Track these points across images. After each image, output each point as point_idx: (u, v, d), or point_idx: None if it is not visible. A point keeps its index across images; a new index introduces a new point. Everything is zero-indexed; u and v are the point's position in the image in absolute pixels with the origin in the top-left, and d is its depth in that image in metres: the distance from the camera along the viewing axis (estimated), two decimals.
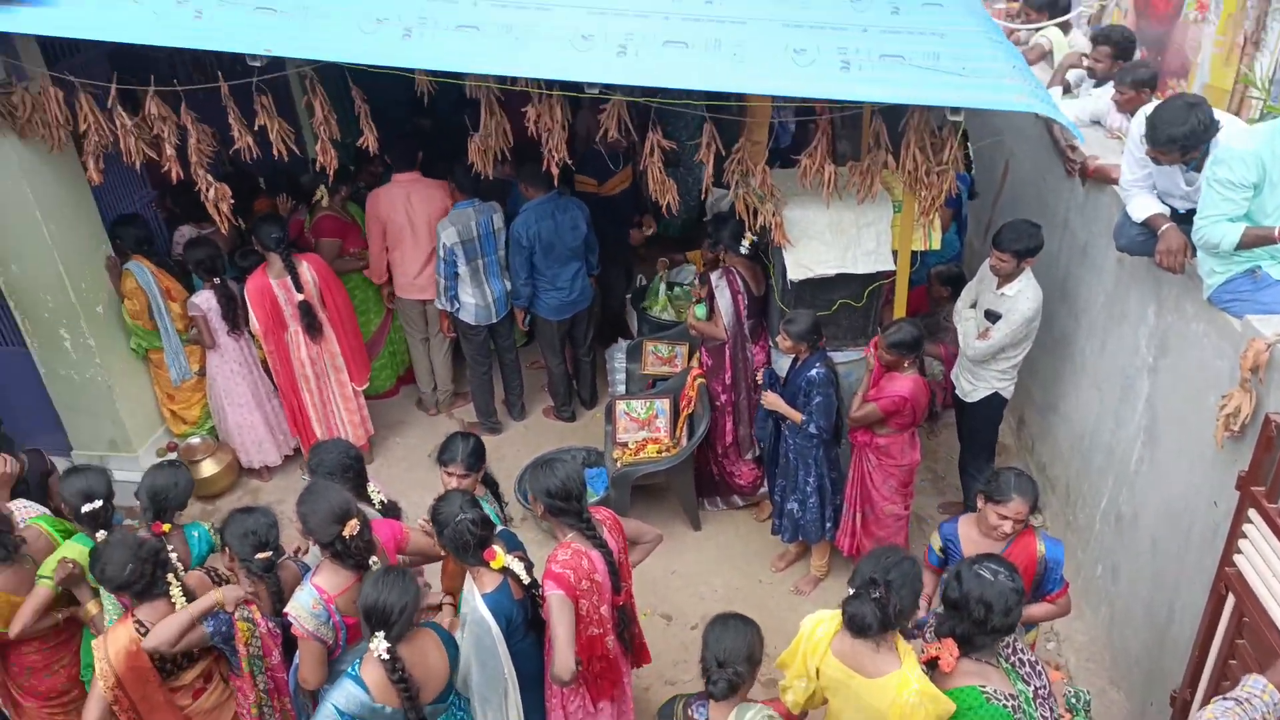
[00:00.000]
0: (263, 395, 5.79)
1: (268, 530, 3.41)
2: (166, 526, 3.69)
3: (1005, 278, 4.44)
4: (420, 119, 6.88)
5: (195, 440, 5.82)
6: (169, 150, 4.49)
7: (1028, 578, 3.39)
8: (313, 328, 5.41)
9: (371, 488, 3.83)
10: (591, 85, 3.93)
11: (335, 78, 4.62)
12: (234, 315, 5.48)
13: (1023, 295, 4.40)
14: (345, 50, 3.95)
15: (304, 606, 3.17)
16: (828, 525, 4.71)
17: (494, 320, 5.84)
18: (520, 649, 3.32)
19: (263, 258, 5.36)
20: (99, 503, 3.62)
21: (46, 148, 4.70)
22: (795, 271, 4.41)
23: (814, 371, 4.32)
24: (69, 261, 5.07)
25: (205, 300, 5.42)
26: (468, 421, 6.32)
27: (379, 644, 2.87)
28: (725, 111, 4.28)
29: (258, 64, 4.01)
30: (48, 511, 3.93)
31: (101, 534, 3.60)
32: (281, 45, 3.95)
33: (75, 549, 3.63)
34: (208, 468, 5.73)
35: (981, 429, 4.90)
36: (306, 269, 5.35)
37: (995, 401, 4.72)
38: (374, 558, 3.28)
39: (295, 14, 4.17)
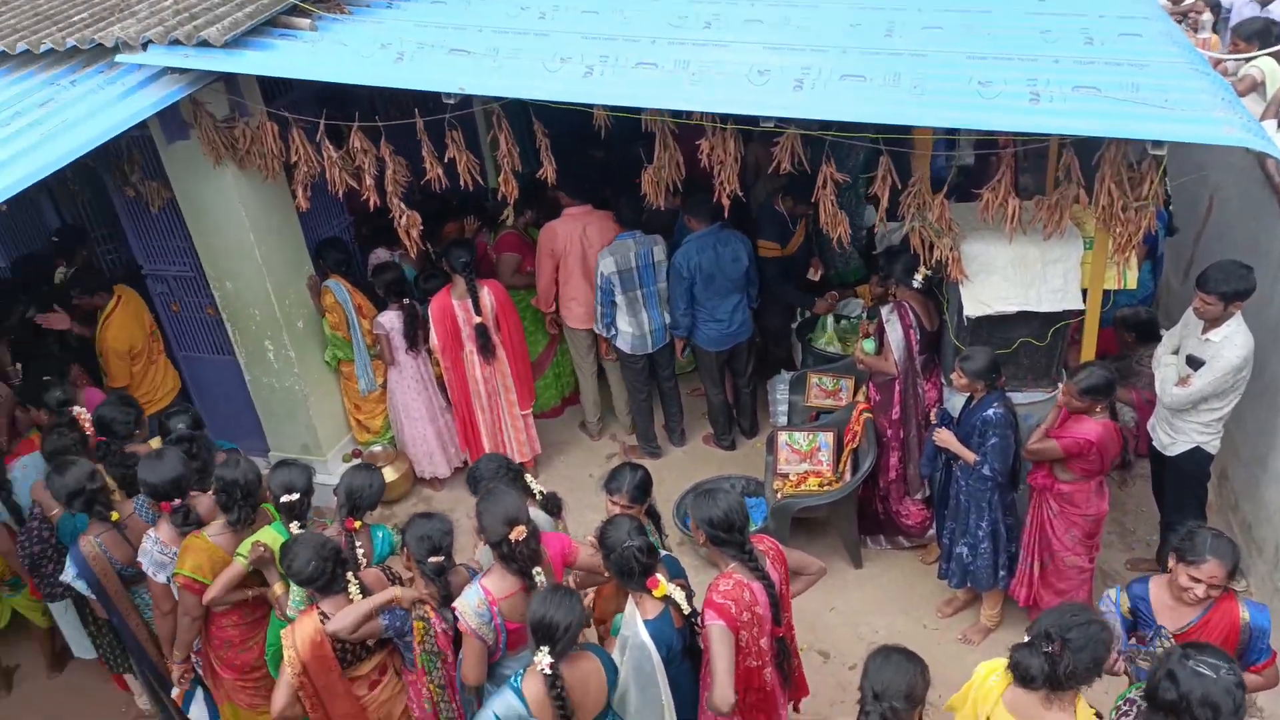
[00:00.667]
0: (436, 411, 6.09)
1: (442, 537, 3.58)
2: (358, 524, 3.94)
3: (1211, 322, 4.12)
4: (594, 151, 7.09)
5: (377, 448, 6.20)
6: (368, 180, 4.83)
7: (1229, 647, 3.12)
8: (487, 349, 5.65)
9: (530, 479, 4.00)
10: (767, 119, 3.95)
11: (518, 112, 4.84)
12: (414, 335, 5.81)
13: (1230, 342, 4.07)
14: (531, 88, 4.14)
15: (470, 605, 3.33)
16: (1001, 573, 4.49)
17: (650, 350, 5.92)
18: (676, 676, 3.33)
19: (446, 281, 5.66)
20: (297, 495, 3.89)
21: (261, 177, 5.15)
22: (972, 308, 4.25)
23: (991, 411, 4.15)
24: (276, 279, 5.52)
25: (389, 320, 5.76)
26: (628, 444, 6.43)
27: (543, 658, 2.96)
28: (897, 144, 4.20)
29: (451, 101, 4.26)
30: None
31: (295, 525, 3.89)
32: (474, 84, 4.18)
33: (270, 534, 3.91)
34: (387, 475, 6.04)
35: (1183, 485, 4.56)
36: (486, 293, 5.60)
37: (1199, 456, 4.38)
38: (539, 569, 3.38)
39: (486, 55, 4.42)
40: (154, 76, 4.54)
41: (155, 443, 4.64)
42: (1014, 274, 4.19)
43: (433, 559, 3.54)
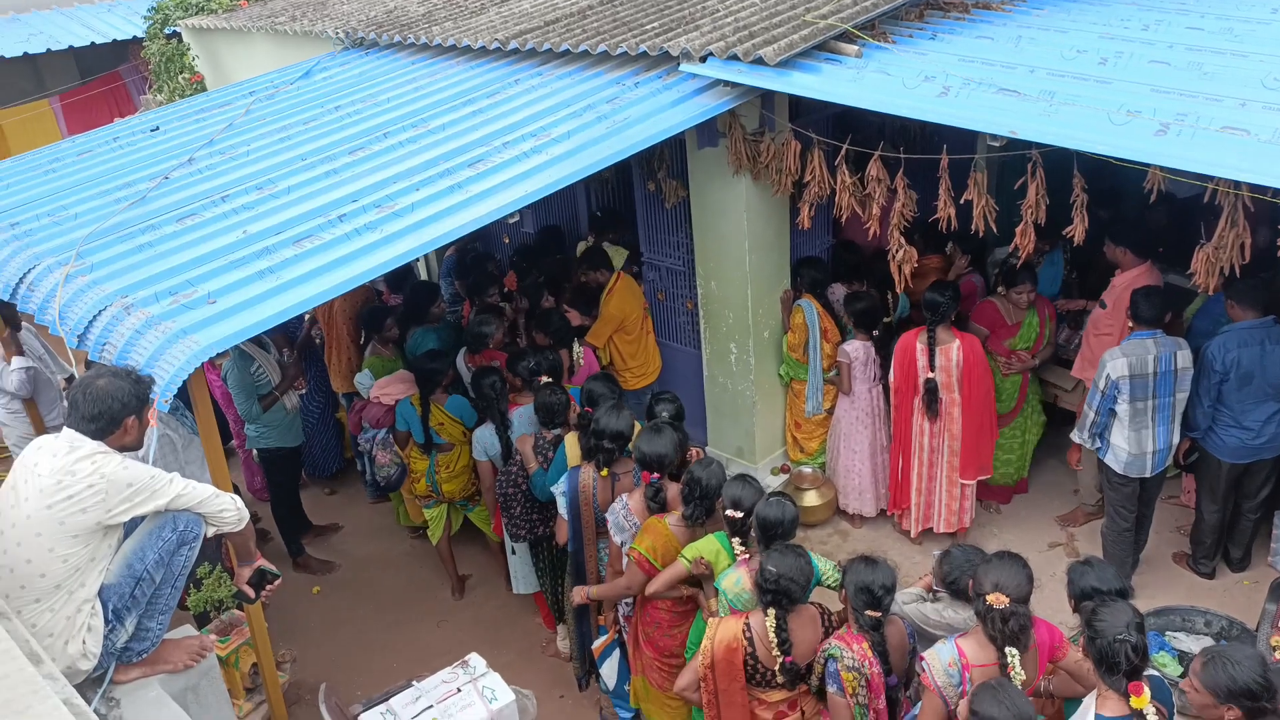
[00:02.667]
0: (878, 448, 5.93)
1: (883, 592, 3.43)
2: None
3: None
4: (1100, 209, 6.41)
5: (806, 469, 6.21)
6: (874, 210, 4.79)
7: None
8: (930, 408, 5.36)
9: None
10: None
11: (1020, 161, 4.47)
12: (875, 368, 5.69)
13: None
14: (1094, 140, 3.77)
15: (940, 661, 3.17)
16: None
17: (1146, 475, 4.95)
18: None
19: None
20: (741, 514, 3.97)
21: (771, 190, 5.36)
22: None
23: None
24: (756, 288, 5.74)
25: (855, 350, 5.70)
26: (1073, 533, 5.76)
27: None
28: None
29: (997, 144, 4.05)
30: None
31: (737, 542, 3.96)
32: (1026, 128, 3.92)
33: (712, 545, 4.03)
34: (810, 498, 6.07)
35: None
36: (956, 349, 5.26)
37: None
38: (1015, 651, 3.11)
39: (1040, 99, 4.14)
40: (707, 87, 4.89)
41: None
42: None
43: (870, 613, 3.41)
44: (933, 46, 4.96)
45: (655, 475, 4.18)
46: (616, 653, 4.71)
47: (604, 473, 4.41)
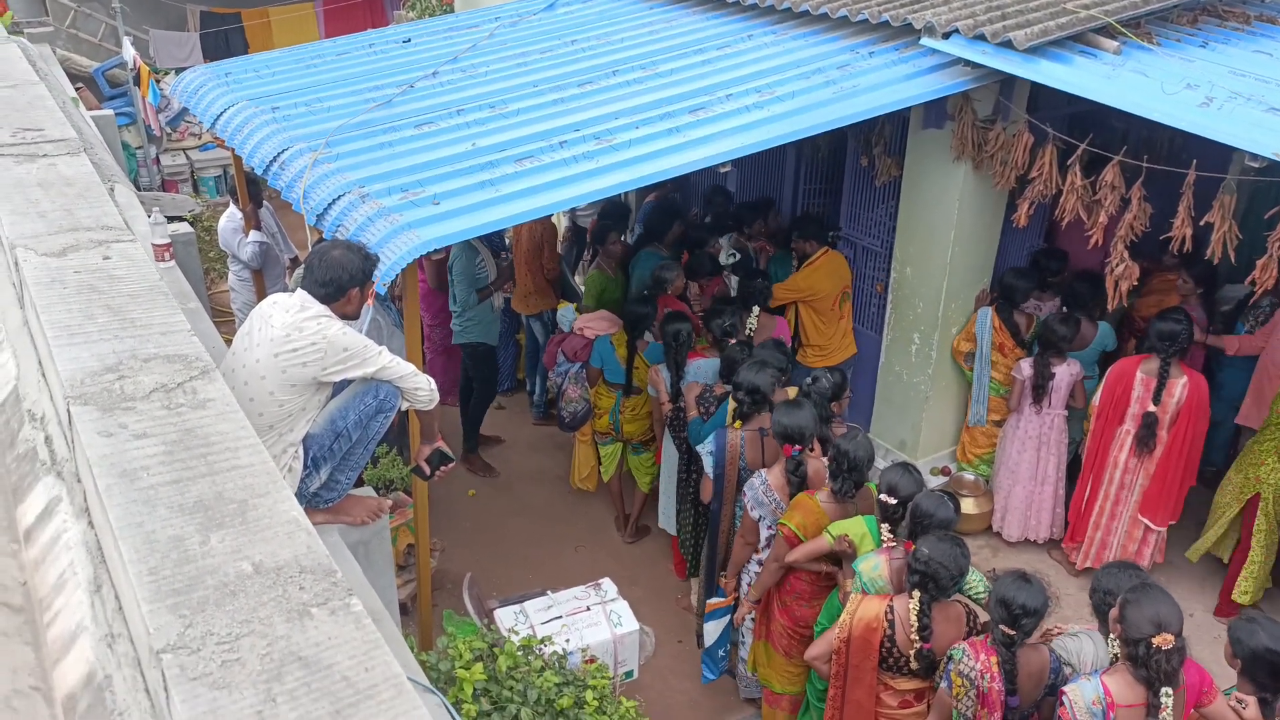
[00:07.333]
0: (1040, 477, 5.61)
1: (1024, 615, 3.29)
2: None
3: None
4: None
5: (969, 476, 6.01)
6: (1102, 218, 4.53)
7: None
8: (1144, 443, 5.00)
9: None
10: None
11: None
12: (1042, 390, 5.39)
13: None
14: None
15: (1084, 698, 3.06)
16: None
17: None
18: None
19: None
20: (895, 501, 3.88)
21: (991, 182, 5.15)
22: None
23: None
24: (953, 282, 5.55)
25: (1026, 367, 5.44)
26: None
27: None
28: None
29: (1256, 164, 3.74)
30: None
31: (885, 528, 3.90)
32: None
33: (859, 527, 3.98)
34: (967, 506, 5.84)
35: None
36: (1181, 386, 4.89)
37: None
38: (1168, 691, 2.97)
39: None
40: (945, 65, 4.75)
41: (792, 391, 5.04)
42: None
43: (1004, 629, 3.31)
44: (1201, 54, 4.60)
45: (796, 448, 4.17)
46: (727, 618, 4.76)
47: (737, 425, 4.44)
